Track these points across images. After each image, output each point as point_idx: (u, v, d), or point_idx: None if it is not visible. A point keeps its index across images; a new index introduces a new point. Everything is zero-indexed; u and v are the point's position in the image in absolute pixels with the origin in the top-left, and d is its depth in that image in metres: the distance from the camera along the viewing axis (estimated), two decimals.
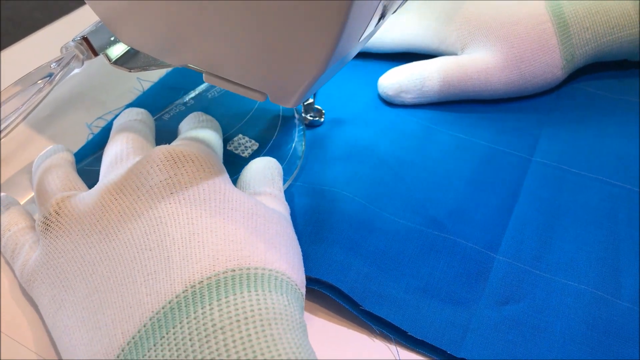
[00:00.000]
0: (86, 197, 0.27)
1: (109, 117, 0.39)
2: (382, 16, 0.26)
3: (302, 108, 0.38)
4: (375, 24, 0.26)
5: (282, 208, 0.29)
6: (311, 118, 0.38)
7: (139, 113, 0.34)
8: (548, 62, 0.39)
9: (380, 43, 0.43)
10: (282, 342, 0.21)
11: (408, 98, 0.40)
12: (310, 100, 0.38)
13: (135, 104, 0.40)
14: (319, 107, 0.39)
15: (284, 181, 0.33)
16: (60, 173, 0.30)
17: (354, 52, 0.28)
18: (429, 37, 0.41)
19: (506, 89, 0.39)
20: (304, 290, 0.25)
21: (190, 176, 0.26)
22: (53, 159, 0.31)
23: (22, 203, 0.33)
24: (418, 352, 0.28)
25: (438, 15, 0.41)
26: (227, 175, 0.28)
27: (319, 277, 0.29)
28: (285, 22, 0.22)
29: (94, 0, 0.27)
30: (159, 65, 0.33)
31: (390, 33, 0.42)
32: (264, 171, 0.31)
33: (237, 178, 0.31)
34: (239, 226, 0.25)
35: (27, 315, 0.28)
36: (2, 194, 0.31)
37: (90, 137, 0.38)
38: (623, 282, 0.30)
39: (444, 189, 0.35)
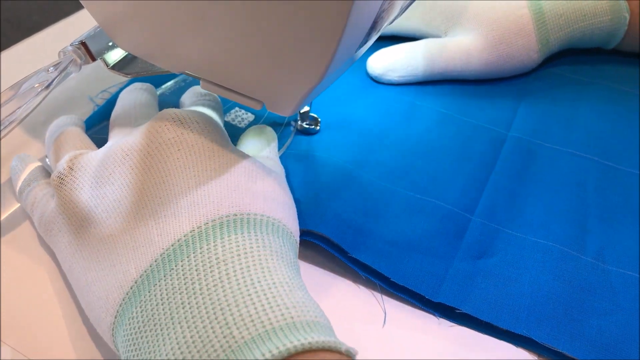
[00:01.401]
0: (98, 153, 0.29)
1: (114, 90, 0.42)
2: (378, 28, 0.26)
3: (298, 116, 0.39)
4: (373, 35, 0.26)
5: (277, 169, 0.31)
6: (307, 126, 0.39)
7: (143, 84, 0.36)
8: (525, 45, 0.42)
9: None
10: (277, 274, 0.23)
11: (395, 77, 0.42)
12: (306, 108, 0.38)
13: (137, 80, 0.43)
14: (315, 115, 0.39)
15: (278, 148, 0.36)
16: (73, 136, 0.32)
17: (351, 62, 0.28)
18: (415, 20, 0.44)
19: (486, 69, 0.42)
20: (297, 239, 0.28)
21: (196, 135, 0.28)
22: (66, 126, 0.34)
23: (20, 205, 0.34)
24: (399, 297, 0.30)
25: (423, 1, 0.44)
26: (228, 138, 0.30)
27: (312, 228, 0.31)
28: (282, 32, 0.22)
29: (92, 1, 0.27)
30: (156, 71, 0.34)
31: None
32: (260, 137, 0.34)
33: (235, 145, 0.34)
34: (240, 180, 0.27)
35: (25, 318, 0.29)
36: (22, 153, 0.34)
37: (96, 108, 0.40)
38: (588, 241, 0.33)
39: (426, 157, 0.37)
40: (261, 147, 0.33)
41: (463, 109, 0.41)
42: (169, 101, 0.40)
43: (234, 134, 0.37)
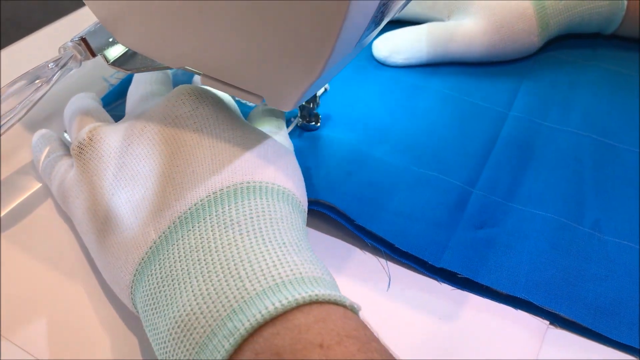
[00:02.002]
0: (117, 126, 0.30)
1: None
2: (379, 23, 0.27)
3: (299, 112, 0.39)
4: (371, 30, 0.26)
5: (287, 145, 0.33)
6: (307, 122, 0.39)
7: None
8: (525, 29, 0.43)
9: None
10: (286, 235, 0.25)
11: (400, 59, 0.44)
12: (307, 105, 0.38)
13: None
14: (316, 112, 0.39)
15: (287, 126, 0.37)
16: (91, 110, 0.34)
17: (351, 57, 0.29)
18: (419, 5, 0.45)
19: (488, 52, 0.44)
20: (305, 208, 0.29)
21: (211, 109, 0.29)
22: (85, 101, 0.35)
23: (20, 201, 0.35)
24: (403, 264, 0.32)
25: None
26: (240, 113, 0.31)
27: (320, 198, 0.33)
28: (281, 28, 0.22)
29: (93, 0, 0.27)
30: (156, 66, 0.33)
31: None
32: (269, 114, 0.35)
33: None
34: (253, 152, 0.28)
35: (27, 317, 0.29)
36: (43, 130, 0.35)
37: (111, 88, 0.42)
38: (585, 212, 0.34)
39: (430, 135, 0.39)
40: (271, 123, 0.35)
41: (465, 90, 0.43)
42: (182, 81, 0.41)
43: (243, 111, 0.39)
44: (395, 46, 0.44)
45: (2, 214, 0.34)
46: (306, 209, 0.29)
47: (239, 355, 0.21)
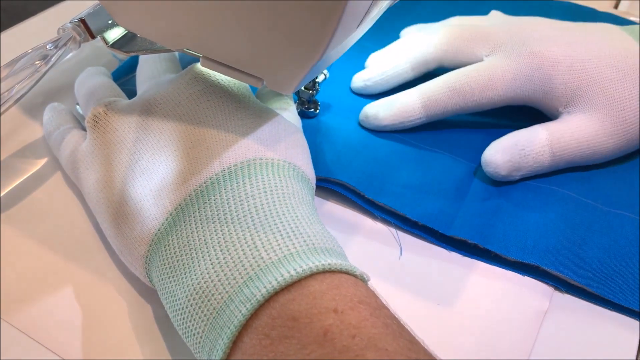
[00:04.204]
0: (131, 102, 0.31)
1: None
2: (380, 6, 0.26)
3: (297, 98, 0.39)
4: (373, 12, 0.26)
5: (295, 122, 0.33)
6: (306, 109, 0.39)
7: None
8: None
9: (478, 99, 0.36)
10: (299, 209, 0.26)
11: (518, 175, 0.35)
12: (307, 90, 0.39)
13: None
14: (315, 99, 0.39)
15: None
16: (104, 84, 0.34)
17: (352, 41, 0.29)
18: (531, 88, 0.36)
19: (614, 153, 0.36)
20: (314, 184, 0.30)
21: (223, 88, 0.30)
22: (97, 75, 0.35)
23: (19, 182, 0.35)
24: (413, 234, 0.33)
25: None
26: (251, 92, 0.32)
27: (329, 176, 0.34)
28: (283, 8, 0.22)
29: None
30: (156, 49, 0.33)
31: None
32: (279, 94, 0.36)
33: None
34: (264, 129, 0.29)
35: (26, 298, 0.29)
36: (54, 103, 0.36)
37: (120, 63, 0.42)
38: (588, 185, 0.35)
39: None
40: (280, 101, 0.35)
41: None
42: (188, 58, 0.41)
43: (253, 89, 0.39)
44: (515, 161, 0.35)
45: (1, 194, 0.34)
46: (314, 185, 0.30)
47: (256, 320, 0.22)
